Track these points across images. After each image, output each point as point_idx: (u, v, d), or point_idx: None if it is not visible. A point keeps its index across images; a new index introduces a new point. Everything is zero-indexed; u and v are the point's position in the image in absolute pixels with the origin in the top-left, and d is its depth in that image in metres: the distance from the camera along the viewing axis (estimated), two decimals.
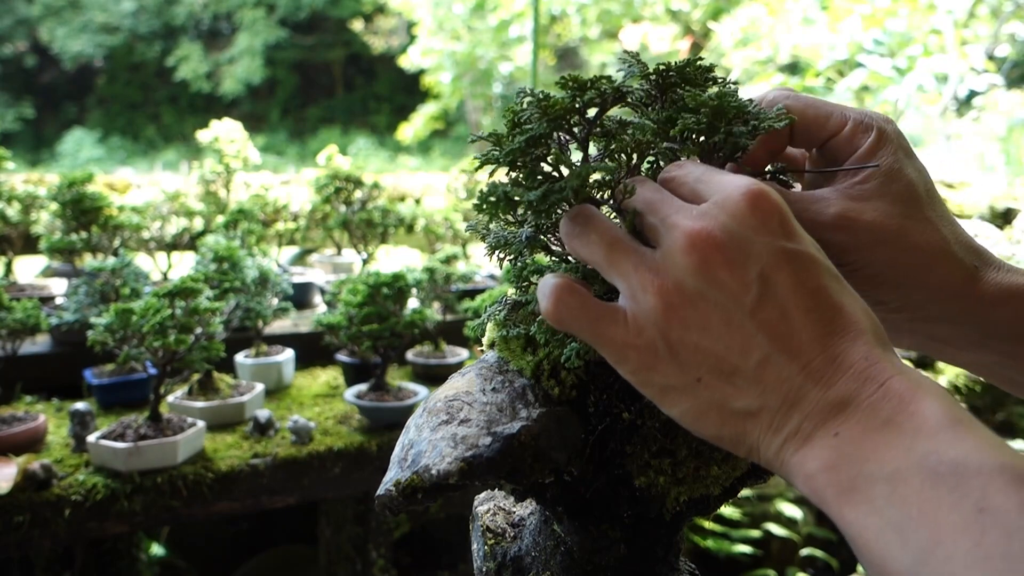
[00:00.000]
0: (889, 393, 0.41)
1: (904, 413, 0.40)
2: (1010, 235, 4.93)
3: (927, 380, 0.42)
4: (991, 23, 7.39)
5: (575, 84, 0.51)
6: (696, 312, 0.45)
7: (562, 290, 0.48)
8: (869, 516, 0.39)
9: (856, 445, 0.41)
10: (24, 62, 17.71)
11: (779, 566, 3.06)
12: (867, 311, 0.46)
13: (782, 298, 0.44)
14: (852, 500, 0.40)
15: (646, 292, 0.46)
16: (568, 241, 0.50)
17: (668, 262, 0.45)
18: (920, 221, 0.55)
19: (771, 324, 0.44)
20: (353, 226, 2.91)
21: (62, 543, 1.62)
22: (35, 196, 2.73)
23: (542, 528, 0.61)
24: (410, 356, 2.42)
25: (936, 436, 0.39)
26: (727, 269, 0.44)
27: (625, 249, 0.47)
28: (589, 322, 0.47)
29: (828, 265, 0.46)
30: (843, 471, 0.41)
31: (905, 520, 0.37)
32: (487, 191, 0.50)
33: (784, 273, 0.44)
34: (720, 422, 0.46)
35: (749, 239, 0.44)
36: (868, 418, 0.41)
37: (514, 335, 0.57)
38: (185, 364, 1.69)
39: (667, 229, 0.46)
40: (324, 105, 19.81)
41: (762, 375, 0.44)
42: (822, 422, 0.42)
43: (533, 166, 0.52)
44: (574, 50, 12.80)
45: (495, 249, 0.57)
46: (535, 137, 0.51)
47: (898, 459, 0.39)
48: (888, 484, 0.39)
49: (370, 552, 2.06)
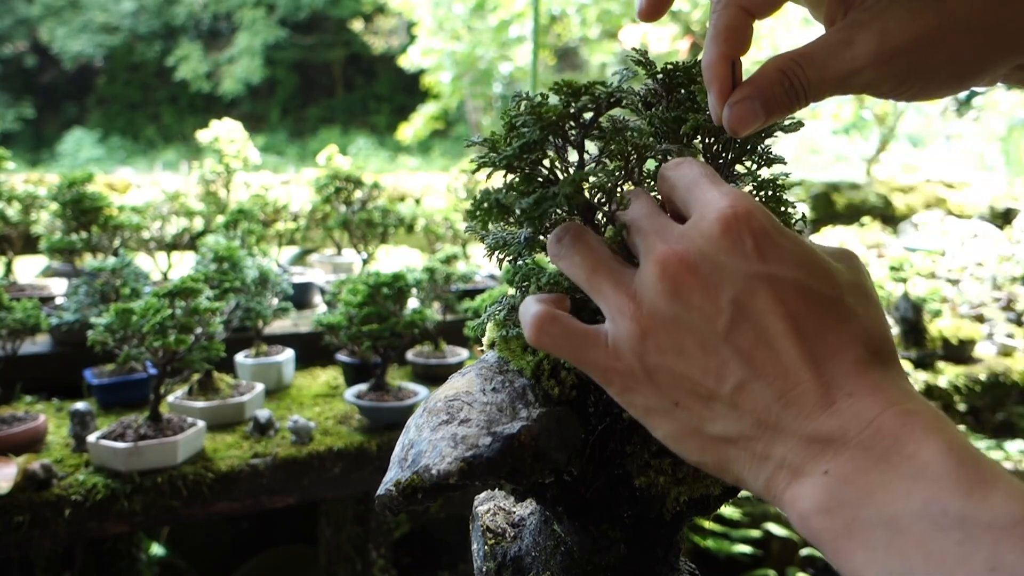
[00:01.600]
0: (881, 431, 0.39)
1: (900, 455, 0.38)
2: (1010, 235, 4.93)
3: (925, 410, 0.40)
4: None
5: (569, 90, 0.51)
6: (670, 337, 0.44)
7: (543, 320, 0.48)
8: (868, 565, 0.37)
9: (850, 486, 0.39)
10: (24, 62, 17.70)
11: (779, 566, 3.06)
12: (865, 332, 0.43)
13: (757, 323, 0.42)
14: (849, 547, 0.38)
15: (623, 316, 0.46)
16: (553, 259, 0.51)
17: (644, 287, 0.45)
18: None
19: (745, 349, 0.43)
20: (353, 226, 2.91)
21: (62, 543, 1.62)
22: (35, 196, 2.73)
23: (542, 528, 0.61)
24: (410, 356, 2.42)
25: (938, 482, 0.37)
26: (699, 293, 0.43)
27: (606, 272, 0.47)
28: (571, 349, 0.48)
29: (811, 285, 0.43)
30: (838, 515, 0.39)
31: (908, 571, 0.36)
32: (480, 199, 0.51)
33: (759, 298, 0.43)
34: (701, 447, 0.45)
35: (721, 263, 0.43)
36: (860, 457, 0.39)
37: (514, 335, 0.57)
38: (185, 364, 1.69)
39: (645, 252, 0.46)
40: (324, 105, 19.81)
41: (738, 400, 0.43)
42: (809, 457, 0.40)
43: (529, 170, 0.52)
44: (574, 50, 12.79)
45: (494, 250, 0.57)
46: (529, 143, 0.51)
47: (896, 504, 0.37)
48: (887, 530, 0.37)
49: (370, 552, 2.06)
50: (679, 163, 0.50)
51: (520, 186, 0.52)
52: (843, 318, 0.43)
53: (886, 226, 5.57)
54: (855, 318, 0.44)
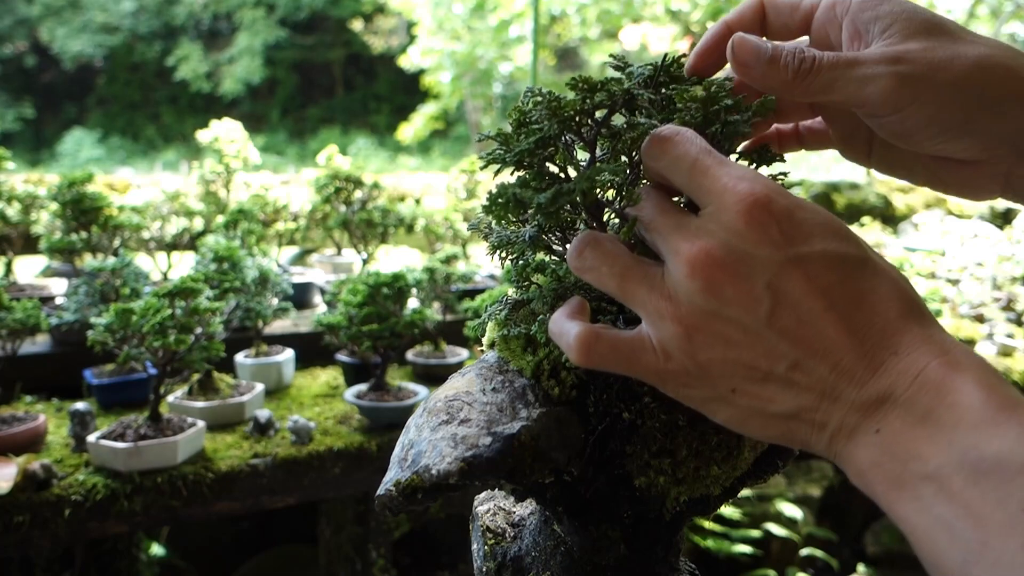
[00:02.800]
0: (926, 384, 0.41)
1: (942, 405, 0.40)
2: (1010, 235, 4.93)
3: (968, 357, 0.41)
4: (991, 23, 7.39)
5: (586, 85, 0.51)
6: (715, 330, 0.45)
7: (588, 340, 0.48)
8: (919, 514, 0.39)
9: (898, 442, 0.40)
10: (24, 62, 17.70)
11: (779, 566, 3.06)
12: (895, 286, 0.44)
13: (796, 304, 0.43)
14: (902, 498, 0.40)
15: (664, 320, 0.46)
16: (579, 274, 0.50)
17: (677, 288, 0.46)
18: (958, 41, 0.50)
19: (791, 331, 0.44)
20: (353, 226, 2.91)
21: (62, 543, 1.62)
22: (35, 196, 2.73)
23: (542, 528, 0.61)
24: (410, 356, 2.42)
25: (977, 429, 0.38)
26: (733, 286, 0.44)
27: (637, 278, 0.47)
28: (621, 362, 0.48)
29: (845, 253, 0.44)
30: (889, 469, 0.41)
31: (952, 519, 0.37)
32: (496, 192, 0.50)
33: (793, 280, 0.43)
34: (763, 425, 0.46)
35: (750, 254, 0.44)
36: (907, 413, 0.41)
37: (514, 335, 0.57)
38: (185, 364, 1.69)
39: (668, 252, 0.47)
40: (324, 105, 19.81)
41: (793, 379, 0.44)
42: (863, 418, 0.42)
43: (540, 167, 0.52)
44: (574, 50, 12.79)
45: (498, 248, 0.57)
46: (545, 138, 0.50)
47: (940, 455, 0.39)
48: (933, 482, 0.38)
49: (370, 552, 2.06)
50: (667, 141, 0.48)
51: (532, 183, 0.51)
52: (875, 276, 0.44)
53: (886, 226, 5.57)
54: (885, 274, 0.45)
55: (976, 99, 0.49)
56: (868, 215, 5.68)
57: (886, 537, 3.35)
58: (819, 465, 3.50)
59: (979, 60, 0.49)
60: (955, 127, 0.50)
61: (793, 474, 3.45)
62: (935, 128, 0.51)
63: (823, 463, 3.49)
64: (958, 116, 0.50)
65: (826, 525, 3.28)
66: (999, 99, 0.50)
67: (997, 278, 4.01)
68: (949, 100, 0.49)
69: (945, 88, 0.49)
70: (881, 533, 3.39)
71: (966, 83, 0.49)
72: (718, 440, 0.54)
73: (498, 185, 0.51)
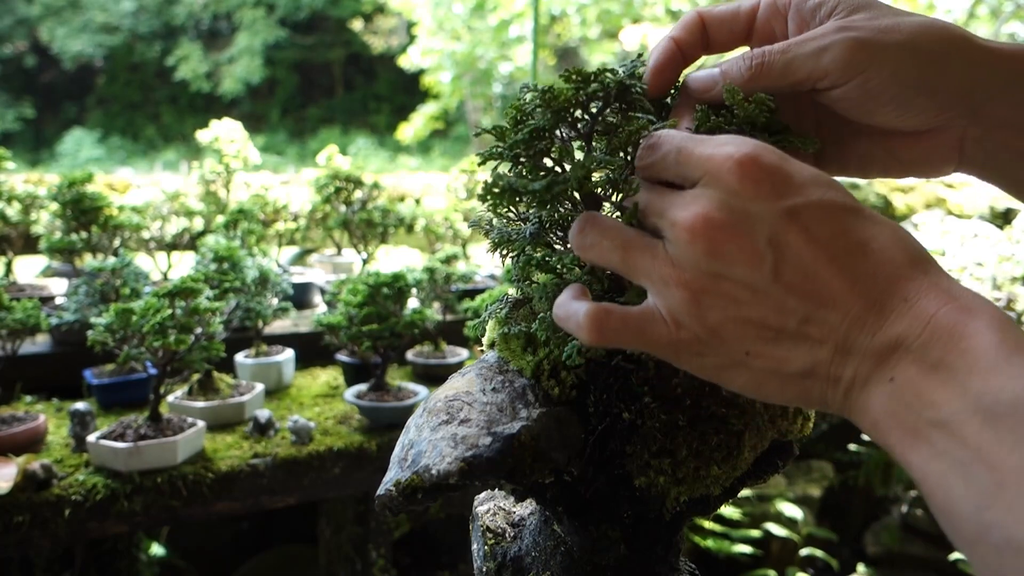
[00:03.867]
0: (938, 330, 0.40)
1: (955, 351, 0.39)
2: (1010, 235, 4.93)
3: (977, 301, 0.41)
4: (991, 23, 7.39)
5: (579, 77, 0.51)
6: (722, 291, 0.44)
7: (599, 316, 0.47)
8: (932, 461, 0.39)
9: (911, 390, 0.40)
10: (24, 62, 17.70)
11: (779, 566, 3.06)
12: (896, 234, 0.45)
13: (799, 257, 0.43)
14: (915, 446, 0.40)
15: (669, 287, 0.46)
16: (582, 253, 0.50)
17: (679, 254, 0.45)
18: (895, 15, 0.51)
19: (797, 285, 0.43)
20: (353, 226, 2.91)
21: (62, 543, 1.62)
22: (35, 196, 2.73)
23: (542, 528, 0.61)
24: (410, 356, 2.42)
25: (991, 372, 0.38)
26: (734, 244, 0.44)
27: (639, 248, 0.47)
28: (633, 336, 0.47)
29: (841, 202, 0.45)
30: (903, 417, 0.40)
31: (966, 464, 0.37)
32: (491, 181, 0.50)
33: (793, 232, 0.43)
34: (781, 387, 0.46)
35: (747, 210, 0.44)
36: (919, 360, 0.40)
37: (514, 334, 0.57)
38: (185, 364, 1.69)
39: (668, 225, 0.46)
40: (324, 105, 19.81)
41: (806, 332, 0.44)
42: (876, 366, 0.42)
43: (536, 160, 0.52)
44: (574, 50, 12.79)
45: (499, 246, 0.57)
46: (539, 129, 0.51)
47: (954, 401, 0.38)
48: (946, 427, 0.38)
49: (370, 552, 2.06)
50: (651, 145, 0.50)
51: (529, 174, 0.51)
52: (874, 226, 0.44)
53: None
54: (884, 223, 0.45)
55: (925, 56, 0.50)
56: None
57: (886, 537, 3.35)
58: (819, 465, 3.50)
59: (920, 23, 0.51)
60: (910, 86, 0.51)
61: (793, 474, 3.45)
62: (893, 90, 0.51)
63: (823, 463, 3.49)
64: (912, 73, 0.50)
65: (826, 525, 3.29)
66: (944, 55, 0.50)
67: (997, 278, 4.01)
68: (902, 59, 0.50)
69: (895, 49, 0.50)
70: (881, 533, 3.39)
71: (913, 43, 0.50)
72: (718, 440, 0.54)
73: (493, 173, 0.51)
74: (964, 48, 0.51)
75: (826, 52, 0.50)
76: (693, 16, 0.57)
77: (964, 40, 0.51)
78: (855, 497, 3.41)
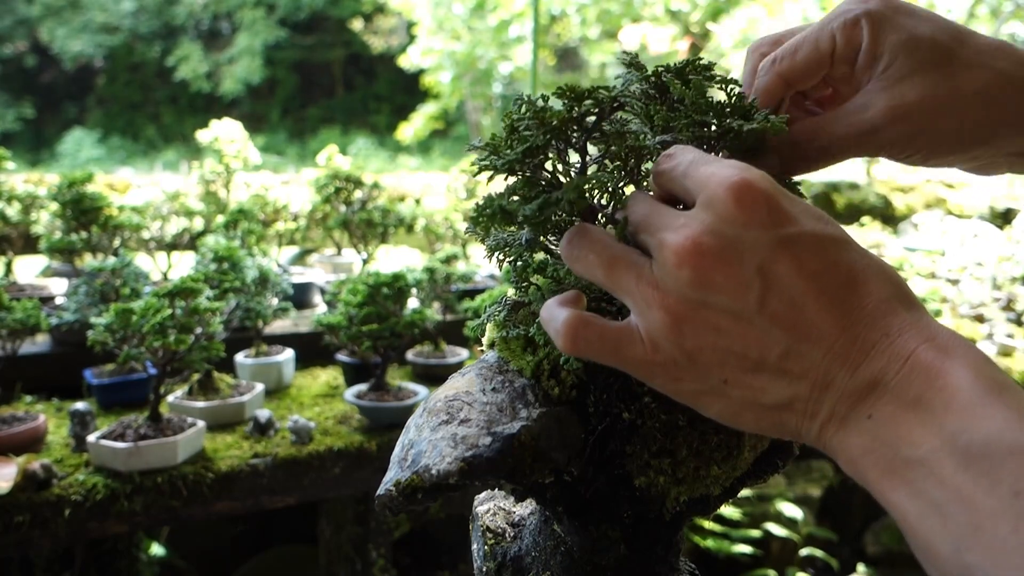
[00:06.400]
0: (916, 367, 0.40)
1: (932, 389, 0.39)
2: (1010, 235, 4.93)
3: (957, 342, 0.41)
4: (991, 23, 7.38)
5: (572, 94, 0.51)
6: (704, 319, 0.44)
7: (576, 326, 0.47)
8: (910, 500, 0.39)
9: (890, 427, 0.40)
10: (24, 62, 17.70)
11: (779, 566, 3.06)
12: (882, 271, 0.44)
13: (787, 288, 0.43)
14: (893, 483, 0.40)
15: (651, 308, 0.45)
16: (569, 263, 0.50)
17: (665, 278, 0.45)
18: (963, 69, 0.53)
19: (782, 316, 0.43)
20: (353, 226, 2.91)
21: (62, 543, 1.62)
22: (35, 196, 2.73)
23: (542, 528, 0.61)
24: (410, 356, 2.42)
25: (966, 412, 0.38)
26: (722, 272, 0.43)
27: (624, 266, 0.47)
28: (608, 351, 0.47)
29: (833, 235, 0.44)
30: (881, 455, 0.40)
31: (944, 504, 0.37)
32: (482, 205, 0.50)
33: (783, 263, 0.43)
34: (756, 417, 0.46)
35: (738, 237, 0.43)
36: (898, 397, 0.40)
37: (514, 335, 0.57)
38: (185, 364, 1.69)
39: (658, 246, 0.46)
40: (324, 105, 19.81)
41: (786, 367, 0.43)
42: (854, 404, 0.42)
43: (532, 174, 0.52)
44: (574, 50, 12.79)
45: (495, 251, 0.57)
46: (532, 148, 0.51)
47: (931, 440, 0.38)
48: (924, 467, 0.38)
49: (370, 552, 2.06)
50: (671, 154, 0.50)
51: (522, 190, 0.51)
52: (862, 259, 0.44)
53: (886, 226, 5.57)
54: (871, 258, 0.45)
55: (975, 128, 0.53)
56: (868, 215, 5.68)
57: (886, 537, 3.35)
58: (819, 465, 3.50)
59: (979, 91, 0.53)
60: (957, 154, 0.54)
61: (793, 474, 3.45)
62: (947, 160, 0.55)
63: (823, 463, 3.49)
64: (959, 145, 0.54)
65: (826, 525, 3.29)
66: (997, 123, 0.53)
67: (997, 278, 4.01)
68: (956, 140, 0.53)
69: (951, 132, 0.53)
70: (881, 533, 3.39)
71: (967, 118, 0.53)
72: (718, 440, 0.54)
73: (484, 197, 0.51)
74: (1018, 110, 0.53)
75: (877, 139, 0.54)
76: (774, 80, 0.57)
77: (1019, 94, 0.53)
78: (855, 497, 3.41)
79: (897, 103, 0.53)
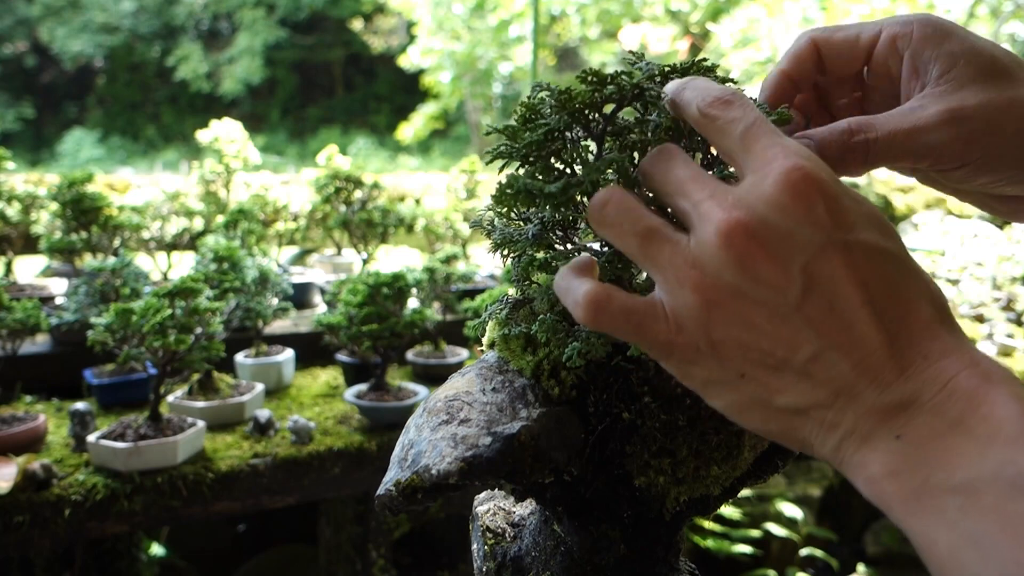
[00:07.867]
0: (956, 393, 0.38)
1: (975, 416, 0.37)
2: (1010, 235, 4.93)
3: (1000, 371, 0.39)
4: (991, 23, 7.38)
5: (596, 79, 0.50)
6: (738, 309, 0.42)
7: (599, 298, 0.44)
8: (940, 529, 0.36)
9: (922, 450, 0.38)
10: (24, 62, 17.71)
11: (779, 566, 3.06)
12: (929, 291, 0.42)
13: (830, 292, 0.40)
14: (920, 510, 0.37)
15: (684, 287, 0.43)
16: (597, 227, 0.46)
17: (704, 256, 0.42)
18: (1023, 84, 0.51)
19: (819, 319, 0.41)
20: (353, 226, 2.91)
21: (62, 543, 1.62)
22: (35, 196, 2.73)
23: (542, 528, 0.61)
24: (410, 356, 2.42)
25: (1014, 443, 0.36)
26: (768, 264, 0.41)
27: (660, 239, 0.44)
28: (630, 326, 0.44)
29: (888, 249, 0.42)
30: (908, 478, 0.38)
31: (984, 536, 0.35)
32: (506, 183, 0.49)
33: (832, 265, 0.41)
34: (764, 418, 0.44)
35: (791, 231, 0.41)
36: (934, 420, 0.38)
37: (514, 334, 0.57)
38: (185, 364, 1.69)
39: (700, 219, 0.43)
40: (324, 105, 19.81)
41: (811, 370, 0.41)
42: (881, 422, 0.40)
43: (548, 161, 0.51)
44: (574, 50, 12.79)
45: (500, 246, 0.56)
46: (553, 130, 0.50)
47: (971, 468, 0.36)
48: (960, 495, 0.36)
49: (370, 552, 2.06)
50: (727, 100, 0.46)
51: (541, 175, 0.51)
52: (910, 275, 0.42)
53: None
54: (920, 275, 0.43)
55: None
56: None
57: (886, 537, 3.35)
58: (819, 465, 3.50)
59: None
60: (1009, 170, 0.52)
61: (793, 474, 3.45)
62: (995, 176, 0.53)
63: (823, 463, 3.49)
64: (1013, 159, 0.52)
65: (826, 525, 3.28)
66: None
67: (997, 278, 4.01)
68: (1011, 151, 0.51)
69: (1008, 141, 0.51)
70: (881, 533, 3.39)
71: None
72: (718, 440, 0.54)
73: (509, 175, 0.50)
74: None
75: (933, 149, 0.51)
76: (806, 43, 0.56)
77: None
78: (855, 497, 3.40)
79: (956, 106, 0.50)
